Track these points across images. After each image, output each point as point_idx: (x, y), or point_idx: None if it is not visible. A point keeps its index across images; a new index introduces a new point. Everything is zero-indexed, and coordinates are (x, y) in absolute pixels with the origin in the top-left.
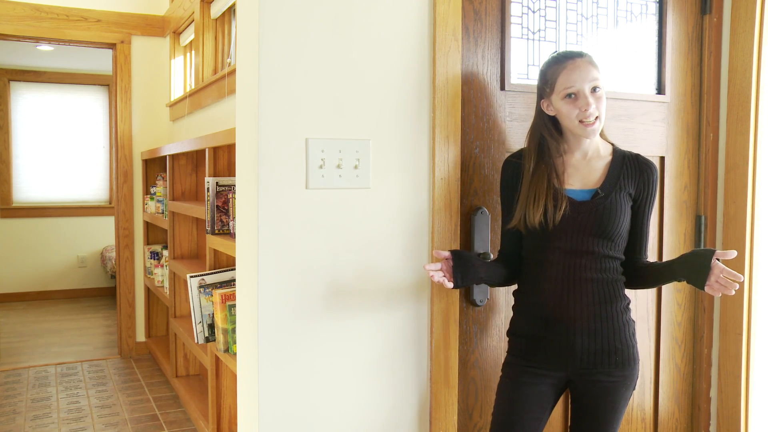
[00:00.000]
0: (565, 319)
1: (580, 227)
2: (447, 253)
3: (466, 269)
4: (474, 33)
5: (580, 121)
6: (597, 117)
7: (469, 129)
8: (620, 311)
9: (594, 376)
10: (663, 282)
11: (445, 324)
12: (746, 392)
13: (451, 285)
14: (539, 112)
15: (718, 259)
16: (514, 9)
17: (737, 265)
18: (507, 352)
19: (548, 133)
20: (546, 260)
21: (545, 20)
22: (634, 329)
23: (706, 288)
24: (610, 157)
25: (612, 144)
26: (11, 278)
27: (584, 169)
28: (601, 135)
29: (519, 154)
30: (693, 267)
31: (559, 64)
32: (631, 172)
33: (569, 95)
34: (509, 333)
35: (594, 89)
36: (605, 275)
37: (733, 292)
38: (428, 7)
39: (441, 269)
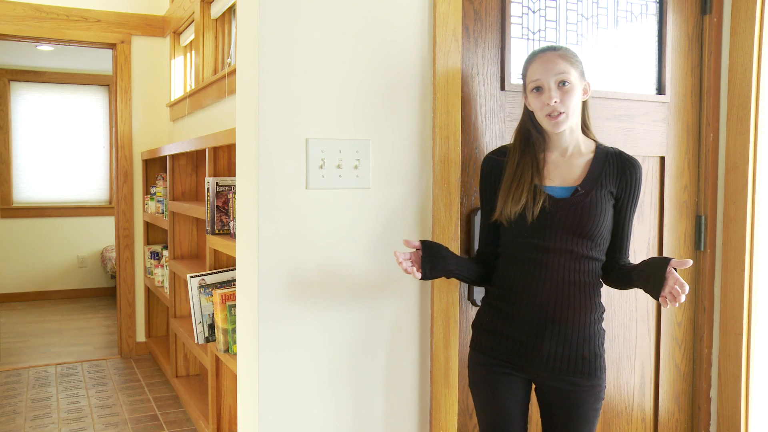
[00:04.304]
0: (536, 320)
1: (558, 225)
2: (417, 243)
3: (435, 260)
4: (474, 33)
5: (547, 116)
6: (563, 112)
7: (469, 129)
8: (594, 320)
9: (559, 383)
10: (629, 288)
11: (445, 324)
12: (746, 392)
13: (419, 275)
14: (525, 108)
15: (675, 269)
16: (514, 9)
17: (737, 265)
18: (470, 347)
19: (533, 128)
20: (525, 258)
21: (545, 20)
22: (604, 338)
23: (660, 299)
24: (592, 155)
25: (596, 141)
26: (11, 278)
27: (564, 167)
28: (586, 132)
29: (499, 151)
30: (649, 277)
31: (531, 58)
32: (613, 170)
33: (535, 89)
34: (475, 326)
35: (562, 83)
36: (583, 278)
37: (678, 304)
38: (428, 7)
39: (410, 259)
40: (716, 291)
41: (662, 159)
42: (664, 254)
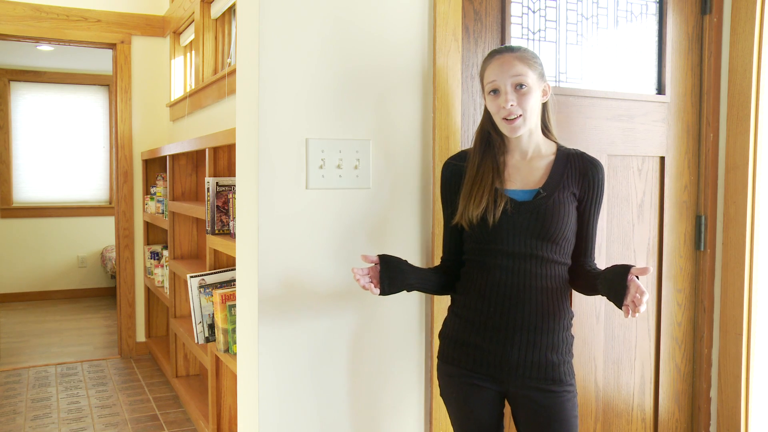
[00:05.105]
0: (503, 327)
1: (522, 229)
2: (375, 258)
3: (393, 275)
4: (474, 33)
5: (503, 119)
6: (520, 115)
7: (469, 129)
8: (563, 327)
9: (531, 391)
10: (595, 295)
11: None
12: (746, 392)
13: (377, 292)
14: (485, 110)
15: (637, 277)
16: (514, 9)
17: (737, 265)
18: (438, 358)
19: (493, 130)
20: (490, 264)
21: (545, 20)
22: (572, 344)
23: (622, 308)
24: (552, 157)
25: (557, 143)
26: (11, 278)
27: (524, 169)
28: (547, 134)
29: (459, 156)
30: (612, 285)
31: (488, 59)
32: (575, 171)
33: (492, 91)
34: (441, 336)
35: (519, 86)
36: (551, 283)
37: (637, 314)
38: (428, 7)
39: (368, 274)
40: (716, 291)
41: (662, 159)
42: (664, 254)
